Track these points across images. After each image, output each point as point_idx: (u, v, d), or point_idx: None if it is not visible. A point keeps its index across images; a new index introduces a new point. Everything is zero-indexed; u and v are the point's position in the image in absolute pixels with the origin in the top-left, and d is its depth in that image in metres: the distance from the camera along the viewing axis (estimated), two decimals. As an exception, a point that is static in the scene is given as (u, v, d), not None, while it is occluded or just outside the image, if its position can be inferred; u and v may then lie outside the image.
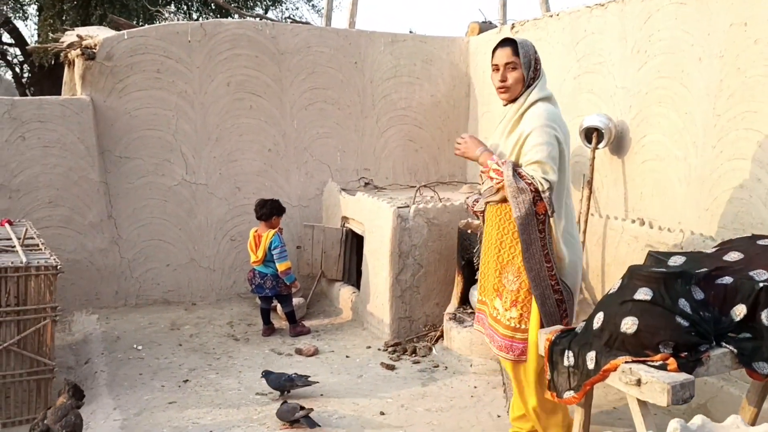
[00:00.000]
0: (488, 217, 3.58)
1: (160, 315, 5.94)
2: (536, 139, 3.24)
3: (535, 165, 3.22)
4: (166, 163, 6.08)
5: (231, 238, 6.32)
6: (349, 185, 6.58)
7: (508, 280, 3.40)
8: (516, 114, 3.40)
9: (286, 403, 4.08)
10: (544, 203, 3.22)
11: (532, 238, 3.27)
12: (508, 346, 3.42)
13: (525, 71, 3.36)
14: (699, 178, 4.26)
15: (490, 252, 3.51)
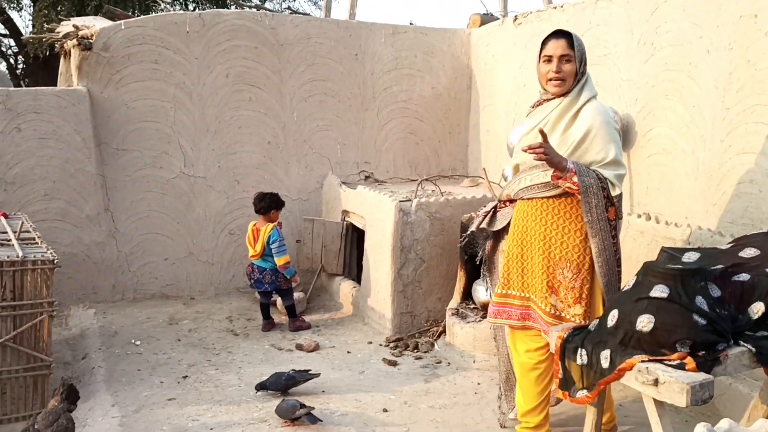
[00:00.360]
0: (526, 211, 3.44)
1: (158, 309, 5.86)
2: (606, 137, 3.21)
3: (611, 165, 3.20)
4: (164, 156, 5.99)
5: (230, 232, 6.25)
6: (349, 178, 6.50)
7: (564, 277, 3.29)
8: (570, 110, 3.31)
9: (285, 401, 4.01)
10: (614, 209, 3.21)
11: (605, 245, 3.22)
12: None
13: (577, 65, 3.31)
14: (707, 172, 4.20)
15: (534, 247, 3.38)
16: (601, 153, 3.21)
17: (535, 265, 3.39)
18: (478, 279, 5.08)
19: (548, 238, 3.33)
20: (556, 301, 3.32)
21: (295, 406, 3.96)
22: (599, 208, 3.17)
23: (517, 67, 6.11)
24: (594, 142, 3.22)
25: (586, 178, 3.15)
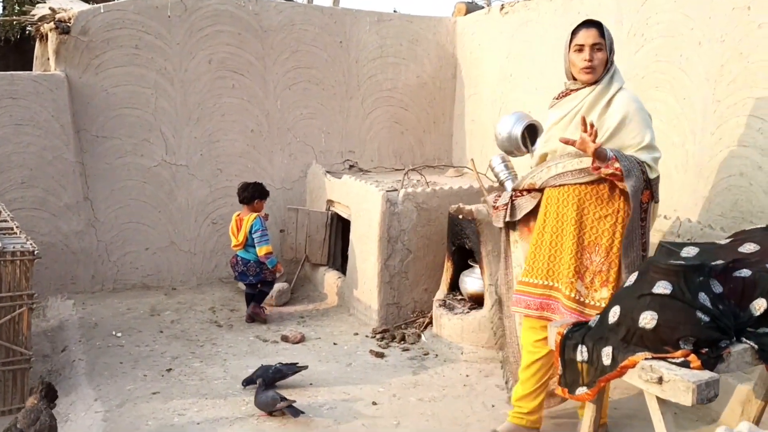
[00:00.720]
0: (558, 198, 3.45)
1: (138, 300, 5.76)
2: (641, 122, 3.29)
3: (647, 150, 3.27)
4: (145, 143, 5.86)
5: (212, 221, 6.15)
6: (333, 167, 6.43)
7: (592, 261, 3.32)
8: (603, 98, 3.37)
9: (265, 393, 3.94)
10: (649, 191, 3.28)
11: (634, 226, 3.27)
12: None
13: (608, 53, 3.37)
14: (697, 165, 4.20)
15: (566, 233, 3.39)
16: (637, 137, 3.29)
17: (565, 251, 3.39)
18: (466, 270, 5.05)
19: (581, 223, 3.35)
20: (581, 287, 3.33)
21: (275, 399, 3.90)
22: (638, 192, 3.23)
23: (503, 57, 6.06)
24: (630, 127, 3.29)
25: (627, 162, 3.20)
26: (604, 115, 3.35)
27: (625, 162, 3.20)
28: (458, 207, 4.96)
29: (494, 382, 4.38)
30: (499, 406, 4.07)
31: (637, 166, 3.22)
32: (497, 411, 4.00)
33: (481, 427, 3.82)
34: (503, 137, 4.94)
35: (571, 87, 3.52)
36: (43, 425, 3.18)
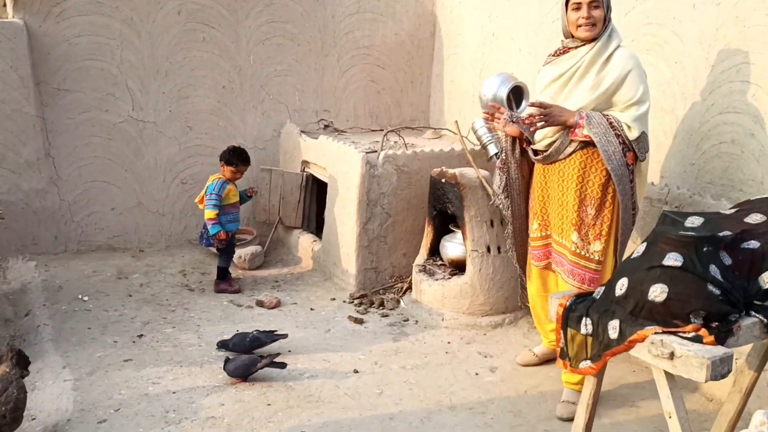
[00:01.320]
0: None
1: (105, 262, 5.53)
2: (637, 77, 3.40)
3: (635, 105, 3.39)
4: (110, 98, 5.57)
5: (182, 181, 5.91)
6: (308, 127, 6.22)
7: (587, 214, 3.51)
8: (603, 54, 3.46)
9: (239, 358, 3.81)
10: (633, 153, 3.42)
11: (626, 189, 3.44)
12: (591, 278, 3.54)
13: (605, 11, 3.46)
14: (686, 131, 4.12)
15: (566, 188, 3.57)
16: (631, 92, 3.39)
17: (568, 204, 3.56)
18: (447, 235, 4.94)
19: (582, 178, 3.51)
20: (577, 239, 3.53)
21: (256, 360, 3.79)
22: (617, 155, 3.37)
23: (485, 16, 5.88)
24: (627, 83, 3.39)
25: (597, 128, 3.37)
26: (603, 72, 3.43)
27: (595, 128, 3.36)
28: (441, 170, 4.82)
29: (476, 350, 4.32)
30: (483, 374, 4.01)
31: (609, 130, 3.36)
32: (481, 379, 3.94)
33: (465, 395, 3.76)
34: (488, 99, 4.80)
35: (569, 45, 3.57)
36: (9, 397, 3.00)
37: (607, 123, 3.39)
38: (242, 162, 5.14)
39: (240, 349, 4.04)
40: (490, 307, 4.65)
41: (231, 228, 5.16)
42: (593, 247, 3.52)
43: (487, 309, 4.65)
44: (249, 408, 3.54)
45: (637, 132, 3.40)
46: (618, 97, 3.42)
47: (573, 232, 3.55)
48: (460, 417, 3.54)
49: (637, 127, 3.40)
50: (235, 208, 5.19)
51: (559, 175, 3.60)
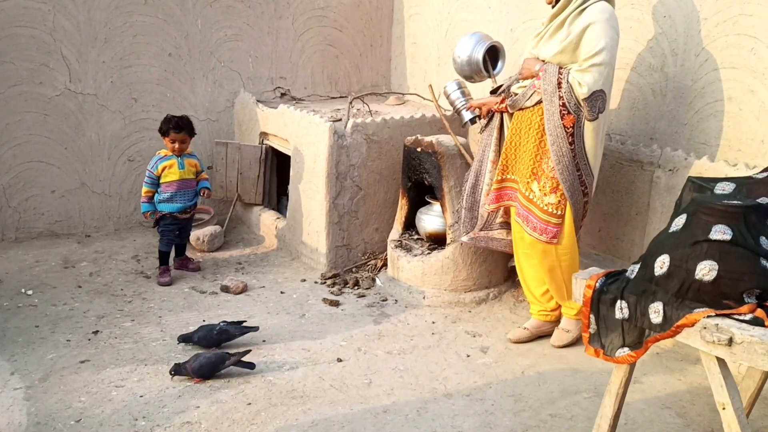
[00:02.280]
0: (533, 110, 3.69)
1: (48, 250, 5.04)
2: (600, 31, 3.38)
3: (590, 63, 3.39)
4: (43, 69, 5.03)
5: (129, 158, 5.43)
6: (263, 96, 5.79)
7: (548, 167, 3.56)
8: (575, 9, 3.48)
9: (204, 355, 3.45)
10: (572, 117, 3.47)
11: (563, 151, 3.51)
12: (543, 228, 3.62)
13: None
14: (677, 89, 3.90)
15: (530, 137, 3.64)
16: (589, 46, 3.40)
17: (527, 153, 3.64)
18: (423, 207, 4.65)
19: (542, 129, 3.57)
20: (536, 188, 3.62)
21: (224, 357, 3.44)
22: (555, 116, 3.47)
23: (450, -28, 5.54)
24: (588, 37, 3.40)
25: (546, 85, 3.49)
26: (573, 23, 3.47)
27: (545, 85, 3.49)
28: (416, 139, 4.50)
29: (463, 328, 4.07)
30: (474, 355, 3.76)
31: (554, 89, 3.46)
32: (473, 361, 3.69)
33: (460, 380, 3.50)
34: (462, 61, 4.50)
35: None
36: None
37: (556, 82, 3.47)
38: (174, 128, 4.57)
39: (206, 343, 3.69)
40: (473, 282, 4.40)
41: (164, 208, 4.64)
42: (548, 199, 3.58)
43: (471, 284, 4.40)
44: (228, 409, 3.20)
45: (586, 90, 3.40)
46: (583, 51, 3.43)
47: (534, 181, 3.63)
48: (458, 405, 3.29)
49: (588, 84, 3.40)
50: (172, 187, 4.62)
51: (527, 123, 3.67)
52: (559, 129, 3.49)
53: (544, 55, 3.63)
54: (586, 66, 3.42)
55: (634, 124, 4.16)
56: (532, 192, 3.65)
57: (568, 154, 3.51)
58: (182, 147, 4.62)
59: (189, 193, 4.72)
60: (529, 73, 3.67)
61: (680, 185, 3.74)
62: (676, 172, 3.78)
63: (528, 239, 3.72)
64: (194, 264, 4.83)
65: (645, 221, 3.98)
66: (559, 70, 3.50)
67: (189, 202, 4.72)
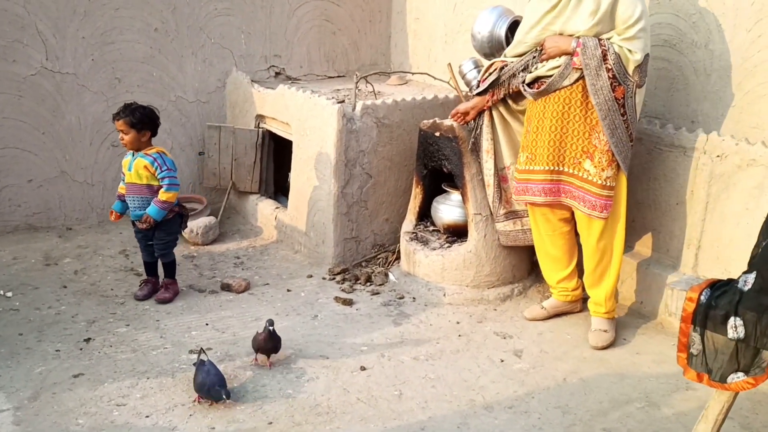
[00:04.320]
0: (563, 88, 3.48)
1: (26, 246, 4.60)
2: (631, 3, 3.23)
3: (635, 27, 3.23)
4: (16, 46, 4.55)
5: (113, 144, 4.98)
6: (257, 75, 5.37)
7: (600, 141, 3.38)
8: None
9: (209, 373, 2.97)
10: (623, 88, 3.29)
11: (616, 124, 3.34)
12: (603, 204, 3.43)
13: None
14: (724, 68, 3.60)
15: (573, 116, 3.44)
16: (629, 10, 3.24)
17: (576, 132, 3.44)
18: (439, 196, 4.31)
19: (588, 105, 3.38)
20: (590, 166, 3.42)
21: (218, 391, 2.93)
22: (605, 89, 3.28)
23: (458, -59, 5.15)
24: (623, 2, 3.24)
25: (589, 59, 3.28)
26: None
27: (587, 59, 3.28)
28: (434, 122, 4.14)
29: (491, 329, 3.75)
30: (508, 360, 3.45)
31: (599, 62, 3.26)
32: (509, 367, 3.38)
33: (498, 390, 3.19)
34: (483, 37, 4.16)
35: None
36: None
37: (600, 55, 3.28)
38: (114, 115, 3.80)
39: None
40: (497, 278, 4.09)
41: (132, 215, 3.90)
42: (606, 173, 3.40)
43: (494, 280, 4.08)
44: (247, 430, 2.84)
45: (640, 55, 3.27)
46: (620, 16, 3.26)
47: (586, 159, 3.45)
48: (501, 419, 2.97)
49: (640, 49, 3.27)
50: (126, 191, 3.87)
51: (563, 105, 3.45)
52: (610, 102, 3.30)
53: (573, 30, 3.37)
54: (632, 33, 3.26)
55: (673, 105, 3.85)
56: (585, 171, 3.45)
57: (621, 125, 3.34)
58: (126, 141, 3.78)
59: (139, 200, 3.84)
60: (560, 51, 3.41)
61: (730, 173, 3.47)
62: (724, 158, 3.49)
63: (584, 219, 3.54)
64: (164, 294, 3.94)
65: (687, 212, 3.69)
66: (599, 42, 3.29)
67: (140, 211, 3.84)
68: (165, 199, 3.81)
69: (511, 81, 3.65)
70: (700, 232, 3.63)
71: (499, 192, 3.92)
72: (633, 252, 4.00)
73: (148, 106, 3.86)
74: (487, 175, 3.91)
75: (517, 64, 3.60)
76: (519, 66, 3.59)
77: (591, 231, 3.54)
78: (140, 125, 3.77)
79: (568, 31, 3.39)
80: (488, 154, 3.87)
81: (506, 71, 3.64)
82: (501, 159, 3.90)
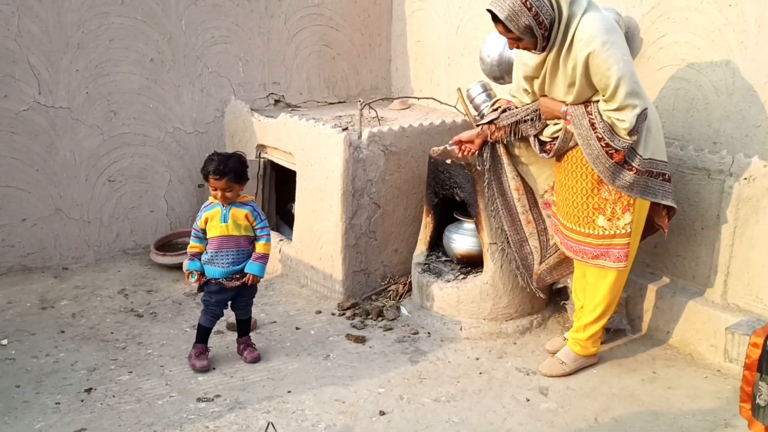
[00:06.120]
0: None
1: (21, 288, 4.40)
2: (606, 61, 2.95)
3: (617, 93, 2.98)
4: (8, 80, 4.38)
5: (109, 179, 4.81)
6: (255, 103, 5.22)
7: (611, 192, 3.21)
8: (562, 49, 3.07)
9: None
10: (621, 153, 3.10)
11: (628, 180, 3.16)
12: (622, 255, 3.28)
13: (529, 35, 3.05)
14: (746, 86, 3.47)
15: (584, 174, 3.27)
16: (603, 80, 3.00)
17: (582, 191, 3.28)
18: (451, 225, 4.16)
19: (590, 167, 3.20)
20: (604, 222, 3.26)
21: None
22: (602, 158, 3.10)
23: (459, -37, 5.04)
24: (594, 70, 3.00)
25: (578, 129, 3.13)
26: (568, 62, 3.08)
27: (578, 130, 3.14)
28: (444, 149, 4.00)
29: (512, 365, 3.58)
30: (534, 399, 3.27)
31: (592, 134, 3.09)
32: (536, 407, 3.20)
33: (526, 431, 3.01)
34: (492, 60, 4.04)
35: None
36: None
37: (588, 125, 3.12)
38: (213, 173, 3.39)
39: None
40: (515, 310, 3.92)
41: (207, 272, 3.53)
42: (623, 221, 3.24)
43: (512, 312, 3.91)
44: (264, 488, 2.65)
45: (629, 122, 3.02)
46: (596, 82, 3.05)
47: (598, 216, 3.27)
48: (533, 466, 2.80)
49: (629, 115, 3.02)
50: (213, 245, 3.50)
51: (572, 163, 3.31)
52: (612, 168, 3.13)
53: (558, 96, 3.25)
54: (616, 105, 3.03)
55: (693, 126, 3.71)
56: (599, 228, 3.29)
57: (633, 178, 3.16)
58: (226, 196, 3.46)
59: (234, 254, 3.51)
60: (553, 115, 3.29)
61: (759, 195, 3.33)
62: (752, 180, 3.35)
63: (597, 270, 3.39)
64: (253, 353, 3.61)
65: (714, 236, 3.54)
66: (586, 110, 3.13)
67: (235, 267, 3.51)
68: (266, 252, 3.53)
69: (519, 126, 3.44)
70: (729, 258, 3.48)
71: (542, 222, 3.69)
72: (656, 278, 3.84)
73: (235, 153, 3.53)
74: (522, 213, 3.67)
75: (520, 112, 3.41)
76: (522, 116, 3.41)
77: (608, 279, 3.36)
78: (242, 178, 3.47)
79: (554, 96, 3.26)
80: (518, 193, 3.64)
81: (506, 117, 3.44)
82: (538, 187, 3.67)
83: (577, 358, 3.48)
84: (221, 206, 3.48)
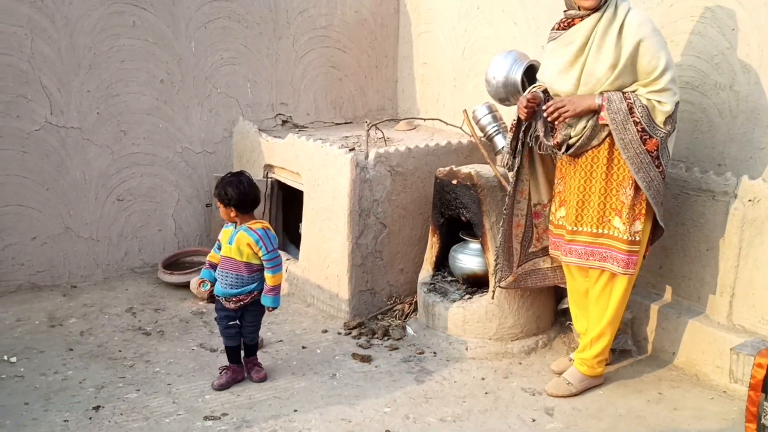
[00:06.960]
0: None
1: (30, 306, 4.44)
2: (655, 45, 3.12)
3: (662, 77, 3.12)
4: (21, 101, 4.45)
5: (118, 198, 4.86)
6: (263, 124, 5.28)
7: (626, 195, 3.27)
8: (614, 23, 3.18)
9: None
10: (655, 140, 3.16)
11: (651, 176, 3.21)
12: (633, 261, 3.32)
13: None
14: (750, 109, 3.50)
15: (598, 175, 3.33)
16: (653, 62, 3.13)
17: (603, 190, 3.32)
18: (456, 245, 4.18)
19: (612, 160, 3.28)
20: (618, 223, 3.30)
21: None
22: (634, 143, 3.16)
23: (465, -14, 5.11)
24: (644, 53, 3.13)
25: (615, 114, 3.16)
26: (619, 42, 3.16)
27: (614, 115, 3.16)
28: (450, 170, 4.04)
29: (518, 385, 3.59)
30: (540, 419, 3.27)
31: (626, 116, 3.14)
32: (541, 427, 3.21)
33: (532, 453, 3.01)
34: (498, 82, 4.09)
35: (573, 15, 3.29)
36: None
37: (627, 109, 3.16)
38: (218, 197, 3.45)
39: None
40: (521, 330, 3.93)
41: (217, 291, 3.56)
42: (635, 227, 3.29)
43: (518, 332, 3.93)
44: (270, 507, 2.66)
45: (670, 106, 3.15)
46: (643, 68, 3.16)
47: (615, 217, 3.32)
48: (539, 487, 2.80)
49: (670, 99, 3.15)
50: (220, 263, 3.54)
51: (589, 165, 3.35)
52: (642, 155, 3.17)
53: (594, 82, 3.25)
54: (660, 86, 3.15)
55: (698, 148, 3.75)
56: (614, 228, 3.32)
57: (657, 177, 3.21)
58: (234, 219, 3.48)
59: (233, 277, 3.48)
60: (587, 108, 3.24)
61: (764, 217, 3.35)
62: (757, 202, 3.37)
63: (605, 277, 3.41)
64: (260, 372, 3.62)
65: (719, 257, 3.56)
66: (624, 95, 3.18)
67: (231, 290, 3.49)
68: (274, 284, 3.49)
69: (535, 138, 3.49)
70: (734, 279, 3.50)
71: (531, 230, 3.71)
72: (661, 299, 3.86)
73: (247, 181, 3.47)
74: (519, 216, 3.65)
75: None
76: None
77: (611, 287, 3.39)
78: (246, 209, 3.45)
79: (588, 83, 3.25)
80: (522, 196, 3.63)
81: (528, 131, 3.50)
82: (537, 196, 3.68)
83: (583, 378, 3.49)
84: (233, 226, 3.51)
